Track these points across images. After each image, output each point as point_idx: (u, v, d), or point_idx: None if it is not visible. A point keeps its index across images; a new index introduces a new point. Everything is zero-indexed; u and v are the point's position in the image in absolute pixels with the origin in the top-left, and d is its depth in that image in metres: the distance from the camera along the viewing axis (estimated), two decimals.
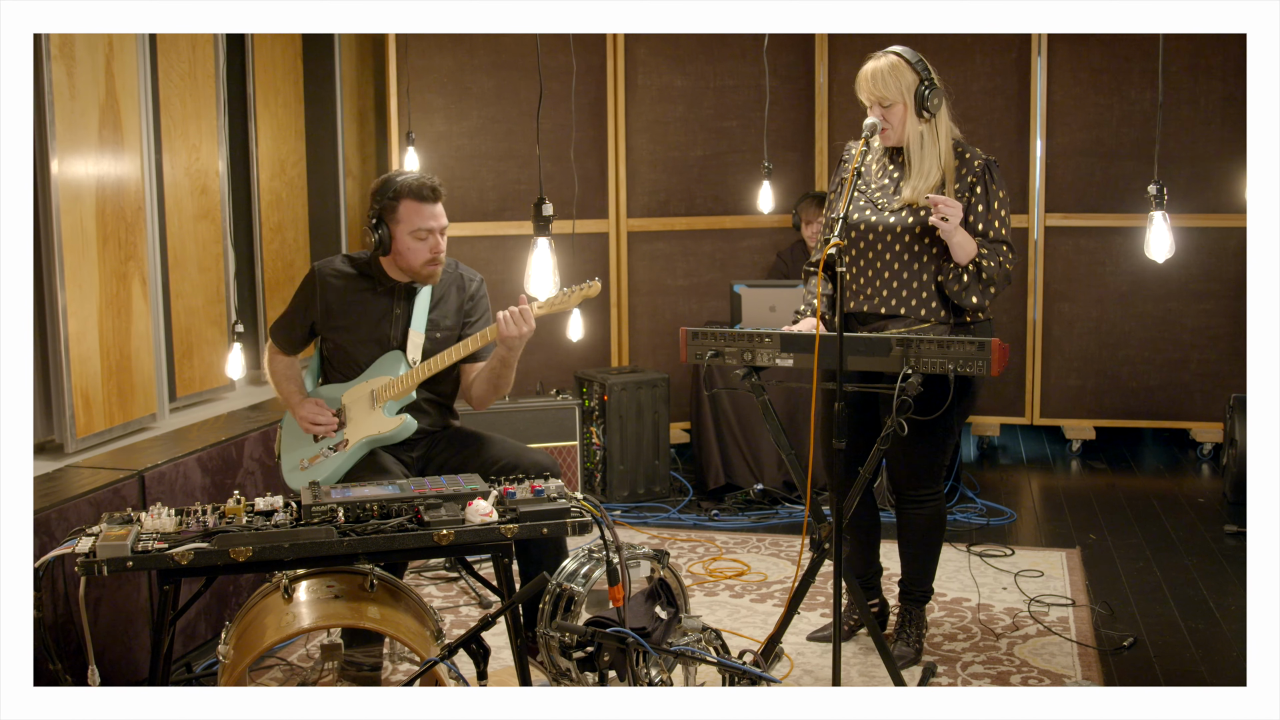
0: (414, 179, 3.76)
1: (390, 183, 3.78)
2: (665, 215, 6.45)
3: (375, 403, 3.78)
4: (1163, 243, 3.35)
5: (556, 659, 3.34)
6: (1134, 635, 4.12)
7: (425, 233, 3.75)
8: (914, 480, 3.86)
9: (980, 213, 3.71)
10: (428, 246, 3.77)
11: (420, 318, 3.84)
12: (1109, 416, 6.49)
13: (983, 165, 3.73)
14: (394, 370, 3.80)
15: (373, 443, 3.77)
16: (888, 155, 3.81)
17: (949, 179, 3.70)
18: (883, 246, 3.73)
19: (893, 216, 3.72)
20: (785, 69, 6.36)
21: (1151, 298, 6.35)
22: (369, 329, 3.86)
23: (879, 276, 3.75)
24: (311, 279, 3.92)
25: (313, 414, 3.82)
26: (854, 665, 3.94)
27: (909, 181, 3.71)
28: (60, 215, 4.12)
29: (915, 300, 3.73)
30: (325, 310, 3.88)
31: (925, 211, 3.67)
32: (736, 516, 5.51)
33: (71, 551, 2.83)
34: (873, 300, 3.76)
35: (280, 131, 5.72)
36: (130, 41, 4.51)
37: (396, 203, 3.74)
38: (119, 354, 4.45)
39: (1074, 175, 6.34)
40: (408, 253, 3.78)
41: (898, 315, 3.74)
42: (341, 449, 3.78)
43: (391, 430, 3.75)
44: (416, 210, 3.74)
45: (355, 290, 3.88)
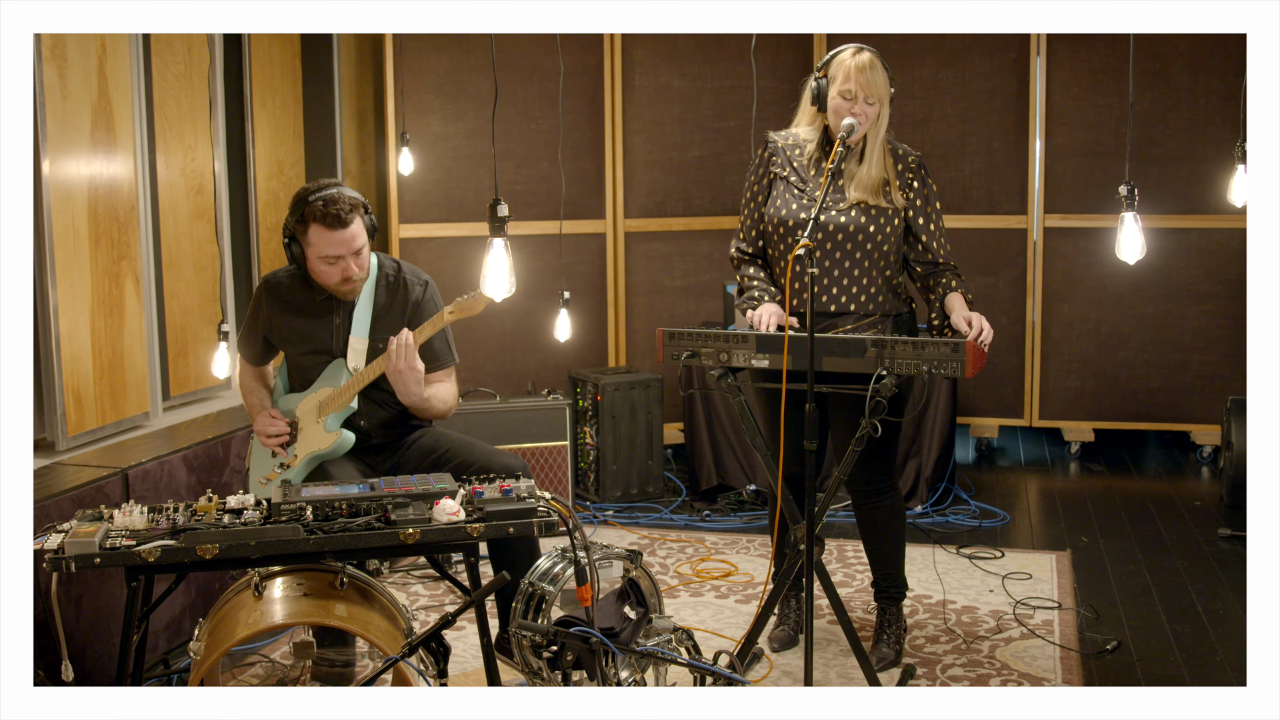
0: (324, 202, 3.58)
1: (303, 202, 3.61)
2: (662, 215, 6.45)
3: (320, 415, 3.75)
4: (1133, 244, 3.34)
5: (529, 658, 3.35)
6: (1118, 639, 4.11)
7: (334, 258, 3.64)
8: (867, 477, 3.88)
9: (920, 208, 3.78)
10: (338, 270, 3.66)
11: (362, 324, 3.77)
12: (1108, 419, 6.46)
13: (916, 161, 3.79)
14: (337, 380, 3.77)
15: (316, 459, 3.73)
16: (821, 153, 3.80)
17: (891, 176, 3.74)
18: (832, 245, 3.72)
19: (843, 216, 3.73)
20: (784, 69, 6.36)
21: (1151, 299, 6.32)
22: (313, 339, 3.81)
23: (827, 275, 3.74)
24: (259, 292, 3.89)
25: (266, 425, 3.78)
26: (833, 667, 3.94)
27: (856, 181, 3.72)
28: (52, 215, 4.15)
29: (864, 296, 3.75)
30: (271, 322, 3.86)
31: (875, 211, 3.72)
32: (728, 517, 5.51)
33: (41, 548, 2.85)
34: (820, 299, 3.75)
35: (278, 132, 5.75)
36: (123, 43, 4.54)
37: (305, 226, 3.62)
38: (111, 352, 4.49)
39: (1073, 176, 6.31)
40: (318, 275, 3.70)
41: (846, 312, 3.75)
42: (292, 464, 3.75)
43: (329, 447, 3.71)
44: (323, 236, 3.60)
45: (298, 297, 3.82)
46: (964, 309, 3.68)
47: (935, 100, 6.36)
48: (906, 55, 6.30)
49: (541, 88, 6.16)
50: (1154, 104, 6.13)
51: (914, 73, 6.32)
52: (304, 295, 3.82)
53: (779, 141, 3.86)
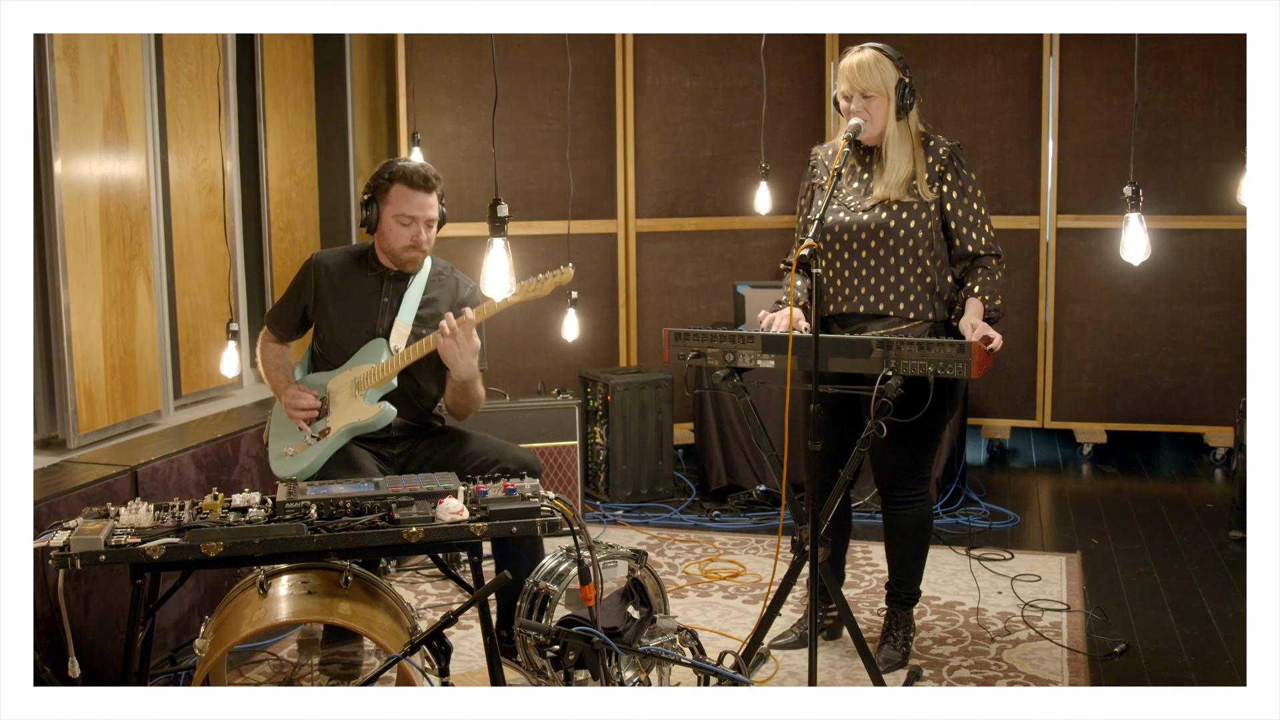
0: (412, 166, 3.85)
1: (390, 165, 3.88)
2: (674, 216, 6.46)
3: (357, 390, 3.84)
4: (1138, 245, 3.33)
5: (533, 657, 3.36)
6: (1126, 641, 4.09)
7: (409, 219, 3.83)
8: (898, 481, 3.86)
9: (956, 199, 3.71)
10: (409, 233, 3.85)
11: (409, 309, 3.91)
12: (1121, 420, 6.44)
13: (948, 152, 3.73)
14: (376, 358, 3.86)
15: (353, 430, 3.83)
16: (855, 158, 3.80)
17: (920, 170, 3.71)
18: (858, 245, 3.72)
19: (866, 215, 3.72)
20: (796, 69, 6.36)
21: (1164, 300, 6.29)
22: (357, 313, 3.93)
23: (856, 276, 3.74)
24: (308, 265, 4.02)
25: (295, 397, 3.88)
26: (839, 668, 3.93)
27: (881, 179, 3.71)
28: (63, 215, 4.18)
29: (894, 296, 3.72)
30: (317, 295, 3.96)
31: (898, 206, 3.68)
32: (738, 517, 5.51)
33: (46, 545, 2.87)
34: (851, 300, 3.75)
35: (290, 132, 5.77)
36: (135, 43, 4.57)
37: (390, 184, 3.84)
38: (123, 351, 4.51)
39: (1086, 176, 6.29)
40: (389, 234, 3.87)
41: (879, 315, 3.73)
42: (324, 437, 3.83)
43: (371, 418, 3.80)
44: (405, 195, 3.82)
45: (348, 274, 3.97)
46: (975, 317, 3.60)
47: (947, 100, 6.35)
48: (918, 55, 6.28)
49: (554, 88, 6.17)
50: (1167, 104, 6.11)
51: (926, 73, 6.30)
52: (355, 272, 3.97)
53: (819, 154, 3.90)
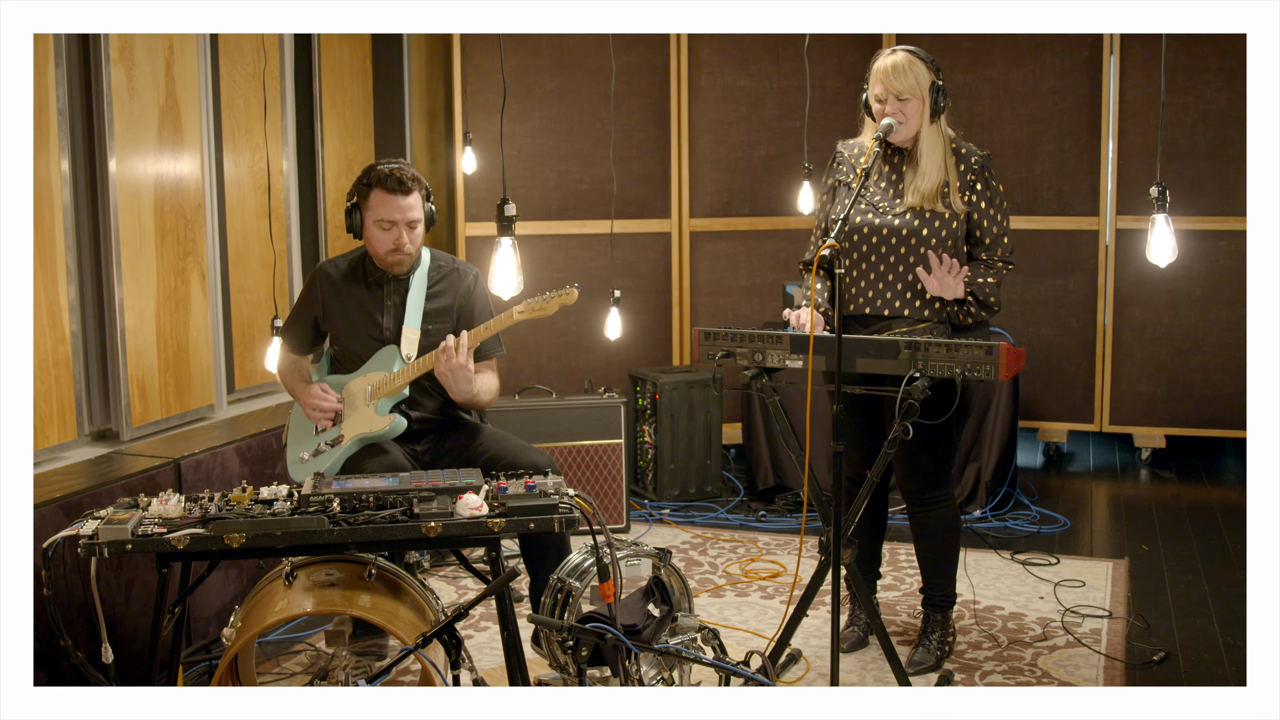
0: (389, 169, 3.82)
1: (369, 170, 3.86)
2: (728, 215, 6.46)
3: (370, 399, 3.86)
4: (1165, 246, 3.27)
5: (556, 652, 3.39)
6: (1167, 650, 4.02)
7: (389, 223, 3.82)
8: (922, 485, 3.84)
9: (984, 210, 3.71)
10: (391, 237, 3.83)
11: (415, 313, 3.91)
12: (1180, 425, 6.32)
13: (979, 162, 3.72)
14: (389, 366, 3.88)
15: (364, 440, 3.84)
16: (884, 159, 3.79)
17: (952, 179, 3.68)
18: (886, 249, 3.71)
19: (896, 219, 3.70)
20: (850, 69, 6.32)
21: (1227, 303, 6.16)
22: (363, 321, 3.95)
23: (881, 279, 3.72)
24: (313, 276, 4.06)
25: (317, 398, 3.92)
26: (870, 670, 3.92)
27: (913, 184, 3.69)
28: (118, 212, 4.29)
29: (919, 301, 3.70)
30: (325, 305, 4.00)
31: (930, 214, 3.67)
32: (784, 518, 5.50)
33: (76, 534, 2.96)
34: (874, 302, 3.74)
35: (347, 131, 5.86)
36: (191, 44, 4.68)
37: (369, 190, 3.83)
38: (176, 346, 4.63)
39: (1146, 177, 6.18)
40: (373, 239, 3.87)
41: (900, 317, 3.72)
42: (338, 444, 3.86)
43: (382, 430, 3.82)
44: (383, 200, 3.80)
45: (350, 284, 3.98)
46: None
47: (1005, 100, 6.27)
48: (976, 54, 6.23)
49: (608, 87, 6.20)
50: (1230, 104, 5.98)
51: (983, 72, 6.24)
52: (359, 278, 3.98)
53: (844, 152, 3.88)
